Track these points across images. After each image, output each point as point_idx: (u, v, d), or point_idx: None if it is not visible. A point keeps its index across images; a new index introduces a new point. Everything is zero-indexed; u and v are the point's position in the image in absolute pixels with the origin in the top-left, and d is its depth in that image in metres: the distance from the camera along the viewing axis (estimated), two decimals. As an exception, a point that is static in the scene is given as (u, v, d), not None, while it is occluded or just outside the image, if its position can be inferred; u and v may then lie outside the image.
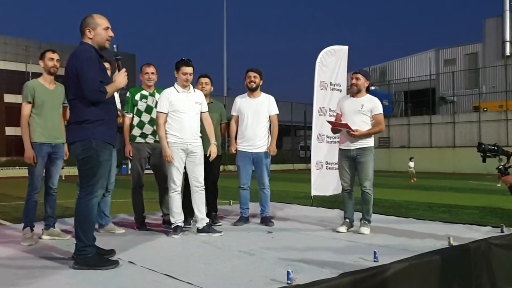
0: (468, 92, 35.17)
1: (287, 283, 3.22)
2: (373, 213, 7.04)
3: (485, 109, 32.06)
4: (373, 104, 5.36)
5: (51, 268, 3.73)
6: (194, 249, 4.44)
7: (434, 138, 32.58)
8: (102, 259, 3.74)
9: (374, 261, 3.89)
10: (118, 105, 4.58)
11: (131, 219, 5.84)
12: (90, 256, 3.69)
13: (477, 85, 35.08)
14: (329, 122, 5.67)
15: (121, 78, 3.86)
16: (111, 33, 3.89)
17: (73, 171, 6.02)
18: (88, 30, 3.78)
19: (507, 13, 34.88)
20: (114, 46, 41.27)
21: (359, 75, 5.40)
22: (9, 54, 33.07)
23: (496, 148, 3.70)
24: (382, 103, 5.72)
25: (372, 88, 30.77)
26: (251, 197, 6.01)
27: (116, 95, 4.79)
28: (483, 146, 3.71)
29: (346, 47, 8.13)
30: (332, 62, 7.96)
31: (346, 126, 5.27)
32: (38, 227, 4.87)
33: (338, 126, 5.44)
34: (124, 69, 3.94)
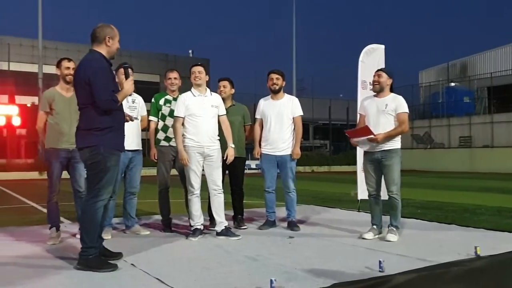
0: (560, 86, 32.30)
1: (269, 292, 3.13)
2: (421, 219, 6.73)
3: None
4: (397, 103, 5.09)
5: (57, 268, 3.90)
6: (202, 253, 4.47)
7: (520, 137, 30.31)
8: (102, 262, 3.84)
9: (379, 271, 3.67)
10: (127, 111, 4.68)
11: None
12: (91, 258, 3.81)
13: None
14: (347, 132, 5.43)
15: (128, 85, 3.99)
16: (119, 45, 4.05)
17: (149, 171, 6.19)
18: (108, 39, 3.93)
19: None
20: (190, 51, 42.63)
21: (382, 73, 5.15)
22: (24, 56, 33.94)
23: None
24: (463, 100, 5.39)
25: (452, 84, 28.96)
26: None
27: (125, 101, 4.90)
28: None
29: (383, 46, 7.83)
30: (371, 61, 7.66)
31: (366, 130, 5.02)
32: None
33: (357, 135, 5.20)
34: (131, 77, 4.08)
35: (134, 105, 5.37)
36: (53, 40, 33.90)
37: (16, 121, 23.34)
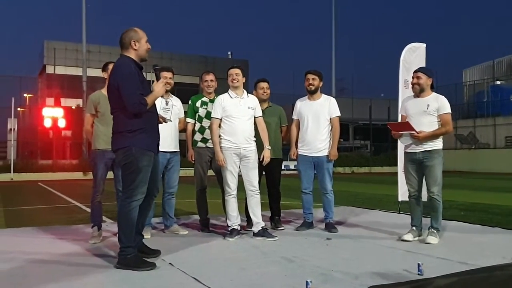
0: None
1: (305, 294, 3.12)
2: (463, 221, 6.53)
3: None
4: (440, 103, 4.97)
5: (98, 266, 4.01)
6: (239, 253, 4.48)
7: None
8: (141, 260, 3.91)
9: (418, 274, 3.60)
10: (160, 113, 4.76)
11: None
12: (130, 257, 3.89)
13: None
14: (389, 124, 5.33)
15: (159, 87, 4.08)
16: (149, 45, 4.12)
17: (189, 172, 6.38)
18: (133, 42, 4.01)
19: None
20: (229, 53, 42.93)
21: (420, 74, 5.03)
22: (69, 59, 33.94)
23: None
24: (509, 98, 5.23)
25: (498, 82, 27.90)
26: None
27: (158, 102, 4.90)
28: None
29: (424, 45, 7.68)
30: (412, 60, 7.51)
31: (408, 126, 4.95)
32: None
33: (399, 129, 5.12)
34: (162, 79, 4.19)
35: (167, 107, 5.41)
36: (97, 44, 34.84)
37: (62, 123, 24.15)
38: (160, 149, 4.93)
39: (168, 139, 5.30)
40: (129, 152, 3.92)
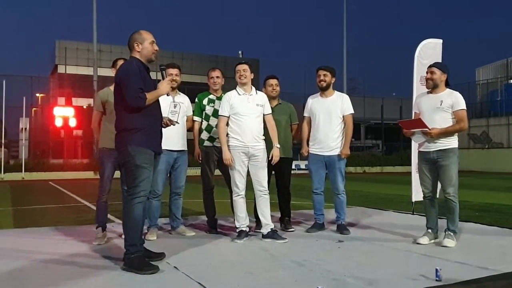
0: None
1: (315, 301, 2.94)
2: (479, 222, 6.31)
3: None
4: (454, 99, 4.76)
5: (100, 268, 3.86)
6: (247, 256, 4.31)
7: None
8: (144, 263, 3.77)
9: (436, 280, 3.40)
10: (168, 116, 4.64)
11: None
12: (133, 257, 3.77)
13: None
14: (400, 122, 5.13)
15: (163, 86, 4.04)
16: (156, 47, 4.08)
17: (197, 171, 6.29)
18: (136, 44, 4.02)
19: None
20: (240, 52, 42.80)
21: (434, 69, 4.83)
22: (80, 59, 34.02)
23: None
24: None
25: (512, 81, 26.95)
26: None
27: (163, 104, 4.62)
28: None
29: (441, 41, 7.44)
30: (430, 56, 7.29)
31: (420, 122, 4.75)
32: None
33: (411, 127, 4.92)
34: (167, 78, 4.16)
35: (175, 109, 5.25)
36: (108, 44, 34.89)
37: (73, 123, 24.19)
38: (167, 147, 4.81)
39: (175, 137, 5.16)
40: (125, 151, 3.89)
